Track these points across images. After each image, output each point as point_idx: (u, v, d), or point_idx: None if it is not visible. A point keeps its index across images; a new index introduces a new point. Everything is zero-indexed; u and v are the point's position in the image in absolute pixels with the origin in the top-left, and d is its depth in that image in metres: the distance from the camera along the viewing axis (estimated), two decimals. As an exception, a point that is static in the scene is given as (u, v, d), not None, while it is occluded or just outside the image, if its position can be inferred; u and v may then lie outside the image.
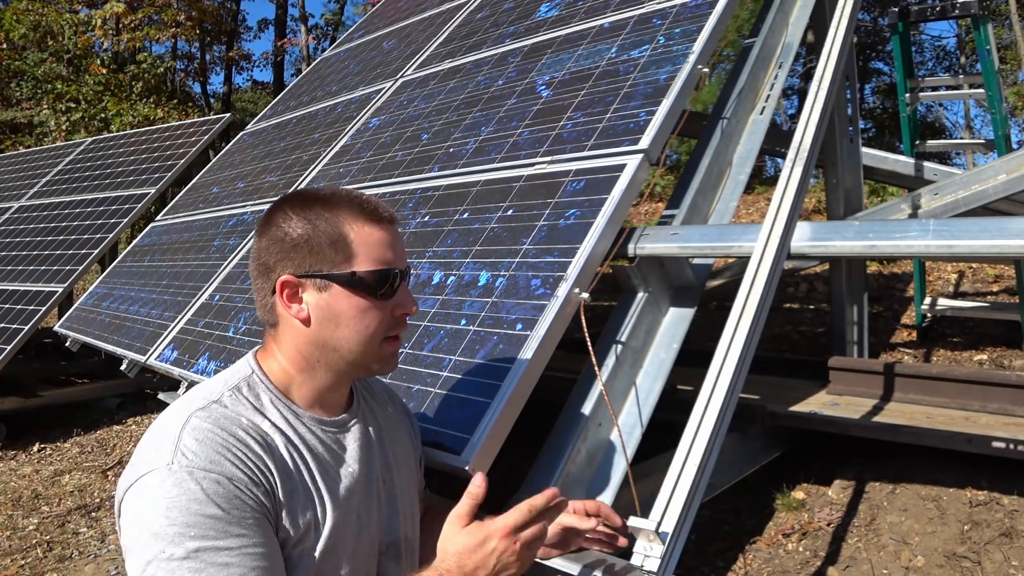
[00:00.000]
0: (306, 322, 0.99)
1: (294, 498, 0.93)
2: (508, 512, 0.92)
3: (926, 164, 3.65)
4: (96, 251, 4.72)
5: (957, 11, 3.54)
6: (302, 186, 2.97)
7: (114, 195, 5.39)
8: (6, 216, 6.09)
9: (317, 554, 0.94)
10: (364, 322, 0.99)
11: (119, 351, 2.87)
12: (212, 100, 19.38)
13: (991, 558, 1.86)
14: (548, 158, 1.98)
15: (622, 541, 1.12)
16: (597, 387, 1.57)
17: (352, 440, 1.05)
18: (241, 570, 0.83)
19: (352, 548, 0.99)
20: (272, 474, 0.91)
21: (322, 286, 0.98)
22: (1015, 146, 4.59)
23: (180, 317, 2.68)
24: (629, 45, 2.26)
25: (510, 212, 1.87)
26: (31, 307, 4.46)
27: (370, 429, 1.10)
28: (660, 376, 1.68)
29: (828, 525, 2.16)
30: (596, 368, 1.47)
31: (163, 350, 2.57)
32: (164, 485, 0.84)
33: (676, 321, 1.79)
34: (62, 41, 12.69)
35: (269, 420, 0.96)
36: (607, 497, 1.49)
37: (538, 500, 0.93)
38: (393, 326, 1.02)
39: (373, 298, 0.99)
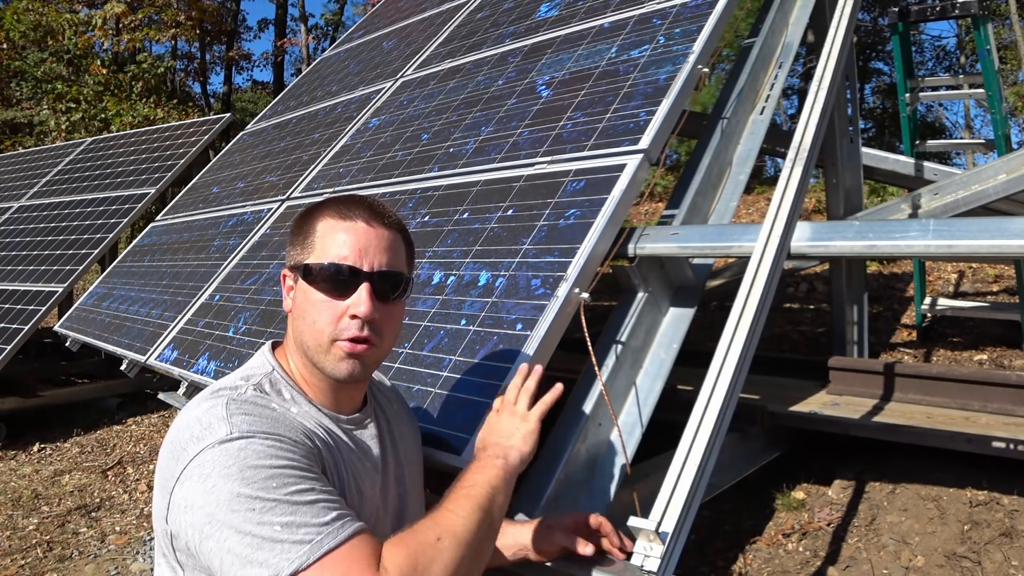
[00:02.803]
0: (290, 313, 1.04)
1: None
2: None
3: (926, 164, 3.65)
4: (96, 251, 4.72)
5: (957, 11, 3.53)
6: (302, 186, 2.97)
7: (114, 195, 5.38)
8: (6, 216, 6.09)
9: None
10: (312, 316, 0.99)
11: (119, 351, 2.87)
12: (212, 100, 19.37)
13: (991, 558, 1.86)
14: (548, 158, 1.97)
15: (620, 556, 1.12)
16: (597, 387, 1.57)
17: (369, 437, 1.07)
18: (328, 498, 0.85)
19: None
20: (319, 450, 0.94)
21: (296, 278, 1.03)
22: (1015, 146, 4.59)
23: (180, 317, 2.68)
24: (629, 45, 2.26)
25: (510, 212, 1.87)
26: (31, 307, 4.46)
27: (384, 426, 1.12)
28: (660, 376, 1.67)
29: (828, 525, 2.16)
30: (596, 368, 1.47)
31: (163, 350, 2.57)
32: (228, 452, 0.83)
33: (676, 321, 1.79)
34: (62, 41, 12.69)
35: (293, 413, 0.97)
36: (607, 497, 1.49)
37: (517, 379, 1.15)
38: (346, 327, 0.97)
39: (325, 293, 0.98)
